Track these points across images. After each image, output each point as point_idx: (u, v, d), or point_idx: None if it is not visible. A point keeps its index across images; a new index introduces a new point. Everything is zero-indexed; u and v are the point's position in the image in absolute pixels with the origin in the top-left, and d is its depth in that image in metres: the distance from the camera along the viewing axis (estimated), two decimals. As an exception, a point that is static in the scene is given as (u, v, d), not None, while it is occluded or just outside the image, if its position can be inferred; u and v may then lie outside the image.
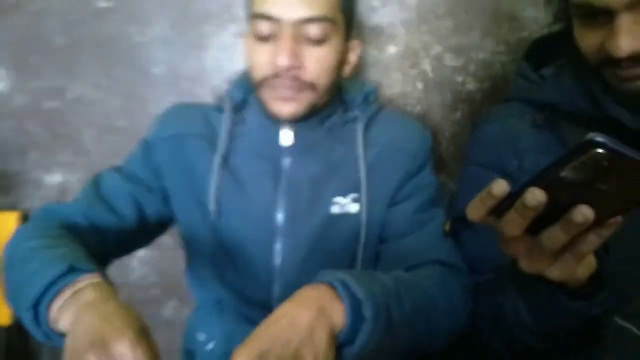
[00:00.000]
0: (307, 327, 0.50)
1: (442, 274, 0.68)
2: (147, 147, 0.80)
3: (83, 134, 1.18)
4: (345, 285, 0.53)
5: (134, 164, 0.79)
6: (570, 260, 0.43)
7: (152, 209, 0.78)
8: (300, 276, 0.74)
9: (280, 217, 0.75)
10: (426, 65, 1.07)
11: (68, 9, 1.13)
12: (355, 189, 0.76)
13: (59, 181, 1.21)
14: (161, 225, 0.82)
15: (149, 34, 1.12)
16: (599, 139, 0.37)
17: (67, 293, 0.52)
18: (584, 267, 0.45)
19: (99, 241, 0.70)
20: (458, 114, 1.08)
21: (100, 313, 0.48)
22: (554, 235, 0.40)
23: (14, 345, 1.16)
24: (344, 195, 0.76)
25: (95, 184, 0.76)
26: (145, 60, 1.13)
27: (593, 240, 0.41)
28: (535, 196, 0.37)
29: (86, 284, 0.52)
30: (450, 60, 1.06)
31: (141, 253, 1.21)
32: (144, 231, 0.79)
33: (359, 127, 0.77)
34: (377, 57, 1.07)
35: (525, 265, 0.45)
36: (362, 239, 0.76)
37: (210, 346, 0.79)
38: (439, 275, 0.68)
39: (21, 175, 1.21)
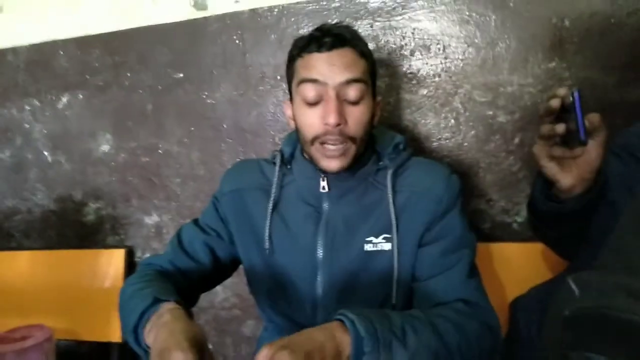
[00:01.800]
0: (320, 342, 0.63)
1: (462, 312, 0.77)
2: (216, 201, 0.97)
3: (172, 182, 1.42)
4: (352, 323, 0.65)
5: (207, 216, 0.97)
6: (556, 164, 0.73)
7: (223, 252, 0.94)
8: (340, 305, 0.82)
9: (320, 253, 0.87)
10: (457, 103, 1.16)
11: (153, 81, 1.38)
12: (387, 230, 0.85)
13: (155, 221, 1.46)
14: (233, 264, 0.98)
15: (217, 97, 1.33)
16: (574, 90, 0.68)
17: (153, 318, 0.68)
18: (567, 178, 0.73)
19: (185, 282, 0.88)
20: (492, 145, 1.16)
21: (169, 330, 0.62)
22: (546, 128, 0.71)
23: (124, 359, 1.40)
24: (376, 235, 0.85)
25: (178, 238, 0.94)
26: (216, 118, 1.34)
27: (562, 151, 0.72)
28: (551, 102, 0.70)
29: (164, 310, 0.67)
30: (479, 96, 1.15)
31: (223, 279, 1.42)
32: (220, 270, 0.95)
33: (389, 174, 0.87)
34: (410, 99, 1.18)
35: (543, 164, 0.74)
36: (396, 275, 0.84)
37: None
38: (459, 313, 0.76)
39: (126, 218, 1.48)
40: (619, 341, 0.56)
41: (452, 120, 1.17)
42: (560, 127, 0.70)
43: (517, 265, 1.14)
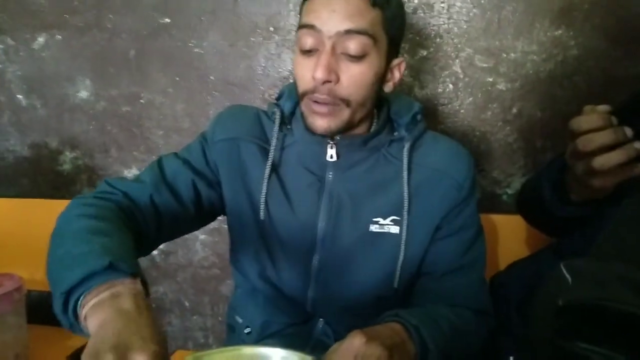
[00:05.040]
0: (402, 340, 0.65)
1: (480, 323, 0.79)
2: (206, 144, 0.83)
3: (154, 134, 1.35)
4: (418, 332, 0.66)
5: (194, 156, 0.82)
6: (613, 177, 0.63)
7: (208, 200, 0.81)
8: (335, 285, 0.81)
9: (320, 227, 0.79)
10: (457, 67, 1.11)
11: (137, 25, 1.29)
12: (396, 211, 0.78)
13: (135, 174, 1.39)
14: (212, 215, 0.86)
15: (205, 46, 1.26)
16: None
17: (104, 293, 0.51)
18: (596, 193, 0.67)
19: (156, 225, 0.74)
20: (489, 114, 1.12)
21: (132, 322, 0.48)
22: (612, 156, 0.61)
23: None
24: (384, 217, 0.78)
25: (160, 168, 0.78)
26: (203, 69, 1.27)
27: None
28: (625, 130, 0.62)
29: (126, 291, 0.52)
30: (480, 61, 1.10)
31: (203, 237, 1.38)
32: (197, 218, 0.82)
33: (405, 148, 0.78)
34: (408, 61, 1.13)
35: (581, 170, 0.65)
36: (401, 261, 0.78)
37: (247, 330, 0.88)
38: (477, 324, 0.78)
39: (104, 169, 1.42)
40: (615, 333, 0.54)
41: (451, 86, 1.13)
42: (629, 131, 0.62)
43: (505, 238, 1.13)
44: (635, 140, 0.61)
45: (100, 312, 0.50)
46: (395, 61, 0.77)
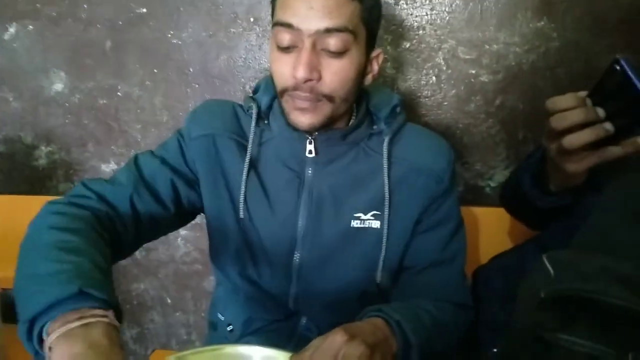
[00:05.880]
0: (384, 336, 0.64)
1: (460, 316, 0.79)
2: (182, 141, 0.80)
3: (132, 127, 1.32)
4: (400, 327, 0.65)
5: (172, 154, 0.79)
6: (585, 161, 0.63)
7: (187, 199, 0.79)
8: (317, 282, 0.80)
9: (301, 225, 0.78)
10: (440, 59, 1.10)
11: (113, 15, 1.25)
12: (377, 206, 0.77)
13: (113, 169, 1.36)
14: (192, 214, 0.84)
15: (183, 37, 1.23)
16: (620, 57, 0.55)
17: (73, 323, 0.48)
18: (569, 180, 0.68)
19: (135, 229, 0.71)
20: (472, 106, 1.11)
21: (104, 358, 0.47)
22: (581, 135, 0.60)
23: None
24: (365, 212, 0.77)
25: (137, 168, 0.75)
26: (182, 61, 1.24)
27: (614, 151, 0.61)
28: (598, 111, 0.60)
29: (97, 322, 0.49)
30: (463, 53, 1.09)
31: (185, 233, 1.36)
32: (178, 218, 0.80)
33: (385, 142, 0.76)
34: (390, 52, 1.12)
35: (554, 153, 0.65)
36: (383, 255, 0.78)
37: (230, 328, 0.87)
38: (457, 317, 0.79)
39: (81, 164, 1.38)
40: (596, 324, 0.54)
41: (434, 78, 1.12)
42: (601, 112, 0.60)
43: (488, 230, 1.13)
44: (606, 122, 0.60)
45: (69, 344, 0.47)
46: (374, 53, 0.75)
